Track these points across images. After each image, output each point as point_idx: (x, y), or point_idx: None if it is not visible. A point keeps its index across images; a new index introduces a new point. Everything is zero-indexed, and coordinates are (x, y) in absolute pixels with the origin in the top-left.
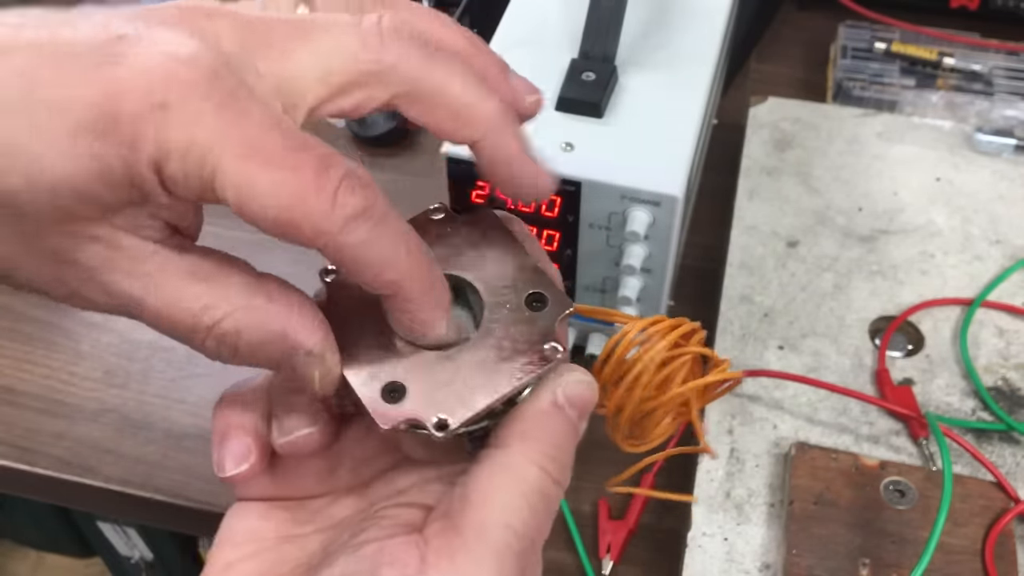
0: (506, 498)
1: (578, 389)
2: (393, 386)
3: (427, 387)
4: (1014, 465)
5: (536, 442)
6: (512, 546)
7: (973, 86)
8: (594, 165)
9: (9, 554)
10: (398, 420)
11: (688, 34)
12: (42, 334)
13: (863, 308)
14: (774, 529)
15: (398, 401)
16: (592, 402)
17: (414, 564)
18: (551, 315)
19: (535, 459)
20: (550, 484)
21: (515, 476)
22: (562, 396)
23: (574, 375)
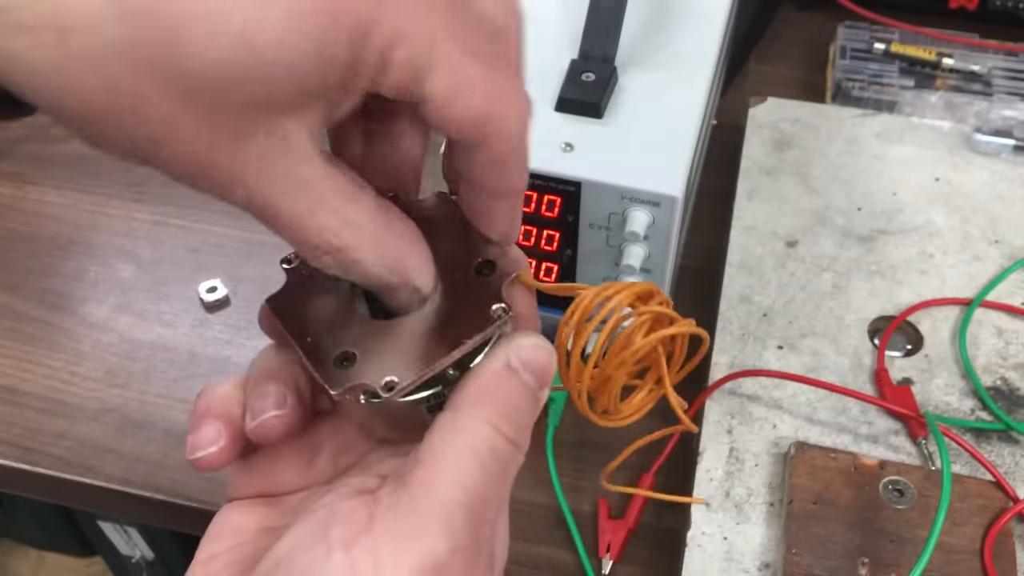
0: (455, 455)
1: (533, 353)
2: (344, 355)
3: (378, 354)
4: (1013, 465)
5: (488, 403)
6: (461, 502)
7: (972, 86)
8: (594, 165)
9: (10, 553)
10: (346, 384)
11: (688, 34)
12: (43, 334)
13: (862, 308)
14: (773, 528)
15: (348, 368)
16: (549, 368)
17: (362, 521)
18: (499, 279)
19: (487, 418)
20: (503, 443)
21: (466, 435)
22: (515, 359)
23: (529, 339)
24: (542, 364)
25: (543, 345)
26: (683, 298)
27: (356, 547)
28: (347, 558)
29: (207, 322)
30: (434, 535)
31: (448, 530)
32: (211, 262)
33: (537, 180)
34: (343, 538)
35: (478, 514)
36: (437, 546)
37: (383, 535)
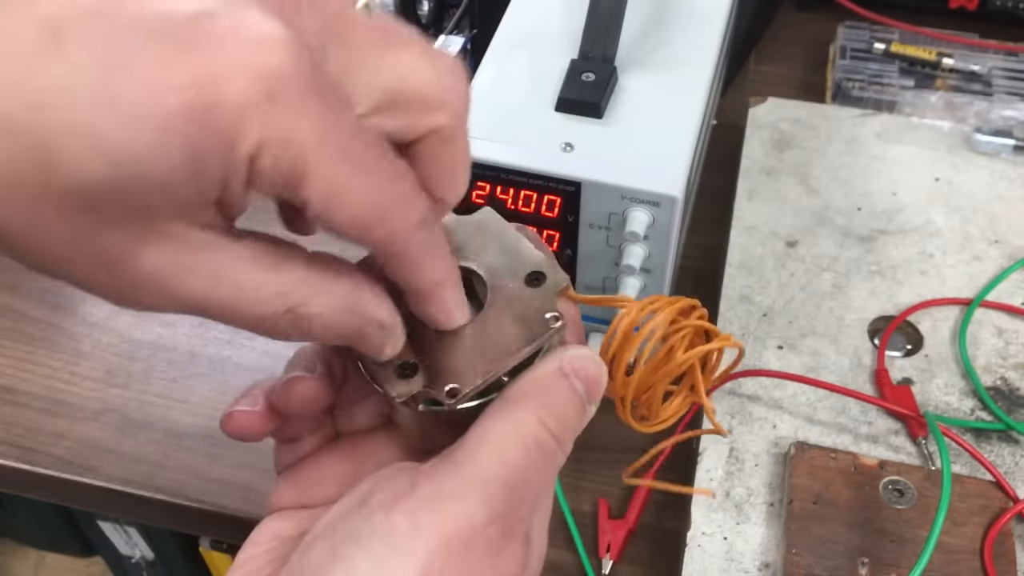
0: (501, 437)
1: (584, 363)
2: (405, 365)
3: (437, 363)
4: (1013, 464)
5: (538, 399)
6: (500, 476)
7: (972, 86)
8: (594, 165)
9: (10, 553)
10: (411, 392)
11: (688, 34)
12: (43, 334)
13: (862, 308)
14: (773, 528)
15: (410, 377)
16: (600, 380)
17: (403, 488)
18: (550, 289)
19: (534, 411)
20: (548, 437)
21: (513, 422)
22: (568, 366)
23: (581, 350)
24: (593, 375)
25: (595, 359)
26: None
27: (396, 510)
28: (387, 519)
29: (207, 322)
30: (472, 502)
31: (486, 499)
32: None
33: (537, 180)
34: (383, 502)
35: (517, 492)
36: (475, 513)
37: (423, 499)
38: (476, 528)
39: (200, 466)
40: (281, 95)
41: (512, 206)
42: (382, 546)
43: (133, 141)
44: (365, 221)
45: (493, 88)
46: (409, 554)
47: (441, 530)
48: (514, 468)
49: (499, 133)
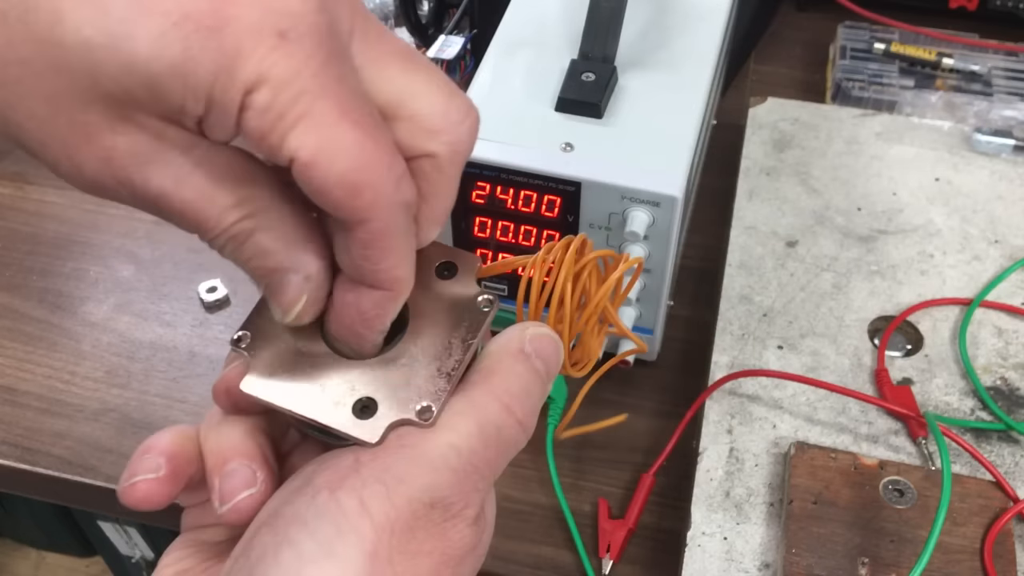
0: (458, 420)
1: (544, 342)
2: (362, 402)
3: (390, 387)
4: (1013, 464)
5: (501, 381)
6: (450, 462)
7: (972, 86)
8: (594, 165)
9: (10, 553)
10: (383, 429)
11: (688, 35)
12: (43, 334)
13: (862, 308)
14: (773, 528)
15: (373, 414)
16: (558, 356)
17: (348, 465)
18: (467, 273)
19: (498, 396)
20: (510, 421)
21: (473, 405)
22: (529, 346)
23: (539, 328)
24: (550, 353)
25: (553, 335)
26: (683, 298)
27: (341, 489)
28: (332, 499)
29: (207, 322)
30: (419, 484)
31: (431, 485)
32: (211, 262)
33: (537, 180)
34: (328, 481)
35: (467, 479)
36: (419, 495)
37: (369, 477)
38: (418, 510)
39: None
40: (292, 36)
41: (512, 206)
42: (329, 527)
43: (136, 23)
44: (353, 180)
45: (493, 88)
46: (356, 534)
47: (387, 510)
48: (466, 457)
49: (499, 133)
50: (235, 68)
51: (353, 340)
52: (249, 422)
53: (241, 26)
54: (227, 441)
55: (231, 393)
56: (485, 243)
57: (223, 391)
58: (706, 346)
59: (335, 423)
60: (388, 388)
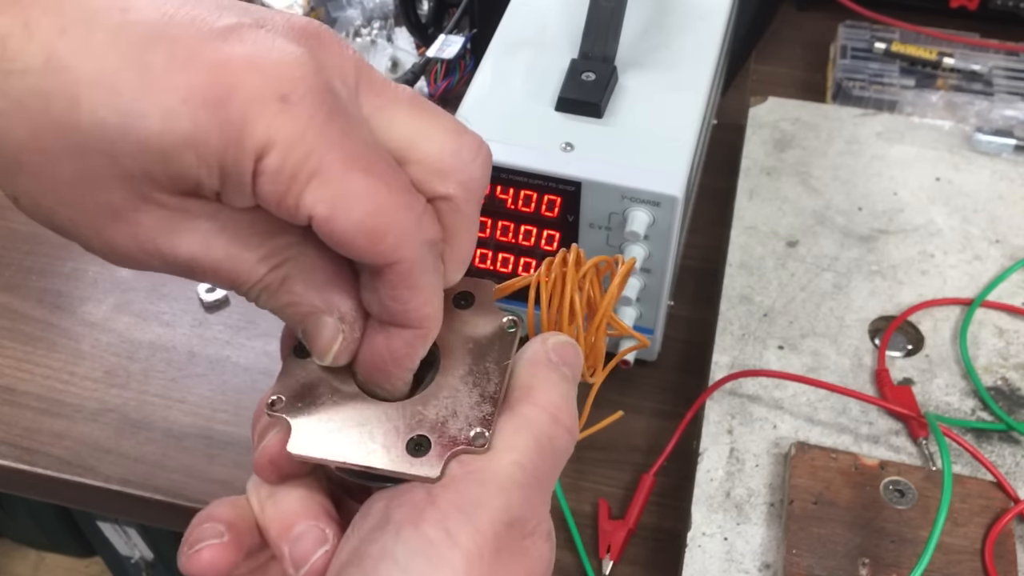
0: (515, 439)
1: (566, 350)
2: (415, 441)
3: (438, 421)
4: (1014, 465)
5: (543, 393)
6: (518, 480)
7: (973, 86)
8: (594, 165)
9: (10, 554)
10: (442, 464)
11: (688, 34)
12: (43, 334)
13: (863, 308)
14: (774, 529)
15: (427, 451)
16: (579, 362)
17: (422, 500)
18: (485, 299)
19: (544, 407)
20: (560, 430)
21: (524, 420)
22: (555, 355)
23: (558, 337)
24: (574, 357)
25: (572, 342)
26: (683, 298)
27: (424, 522)
28: (418, 534)
29: (206, 322)
30: (496, 508)
31: (507, 505)
32: None
33: (537, 180)
34: (408, 517)
35: (535, 492)
36: (499, 519)
37: (448, 508)
38: (500, 534)
39: (200, 466)
40: (293, 99)
41: (512, 206)
42: (421, 561)
43: (147, 102)
44: (372, 226)
45: (493, 88)
46: (449, 566)
47: (473, 536)
48: (531, 472)
49: (499, 133)
50: (243, 136)
51: (385, 381)
52: (302, 483)
53: (245, 95)
54: (287, 506)
55: (276, 462)
56: (485, 243)
57: (267, 463)
58: (706, 346)
59: (393, 467)
60: (435, 423)
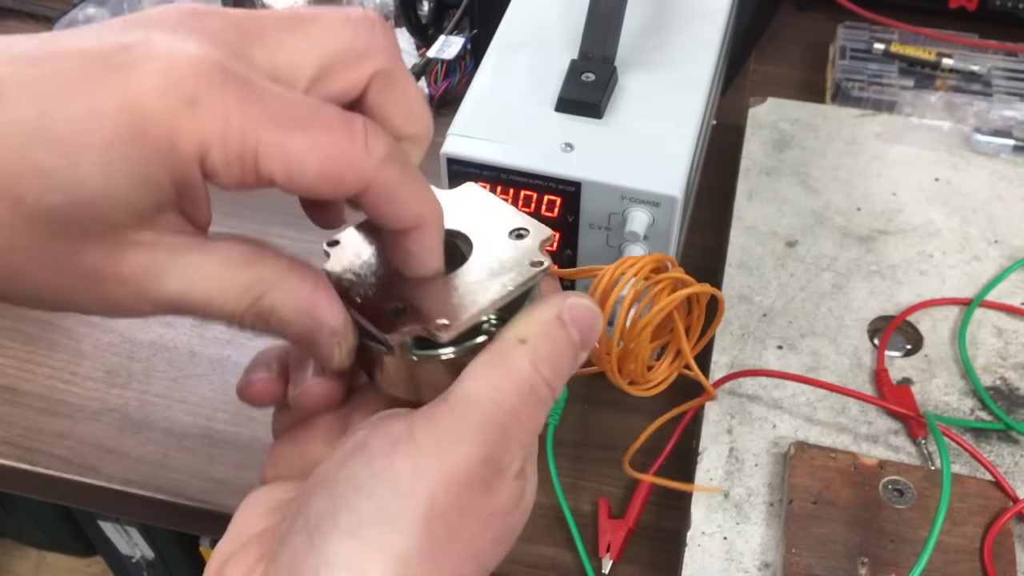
0: (496, 378)
1: (582, 312)
2: (396, 309)
3: (426, 304)
4: (1012, 464)
5: (535, 345)
6: (497, 418)
7: (972, 87)
8: (594, 165)
9: (11, 553)
10: (402, 331)
11: (688, 34)
12: (44, 334)
13: (862, 308)
14: (773, 528)
15: (399, 317)
16: (595, 328)
17: (400, 431)
18: (534, 240)
19: (532, 359)
20: (541, 383)
21: (508, 365)
22: (567, 314)
23: (581, 298)
24: (589, 324)
25: (593, 307)
26: None
27: (396, 454)
28: (388, 464)
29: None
30: (470, 443)
31: (483, 440)
32: None
33: (537, 180)
34: (382, 446)
35: (511, 433)
36: (472, 453)
37: (423, 441)
38: (472, 467)
39: (200, 466)
40: (201, 99)
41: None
42: (386, 491)
43: (79, 172)
44: (330, 172)
45: (493, 88)
46: (413, 497)
47: (442, 472)
48: (509, 410)
49: (499, 133)
50: (177, 151)
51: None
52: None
53: (157, 116)
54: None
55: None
56: None
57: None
58: (706, 346)
59: (368, 321)
60: (425, 302)
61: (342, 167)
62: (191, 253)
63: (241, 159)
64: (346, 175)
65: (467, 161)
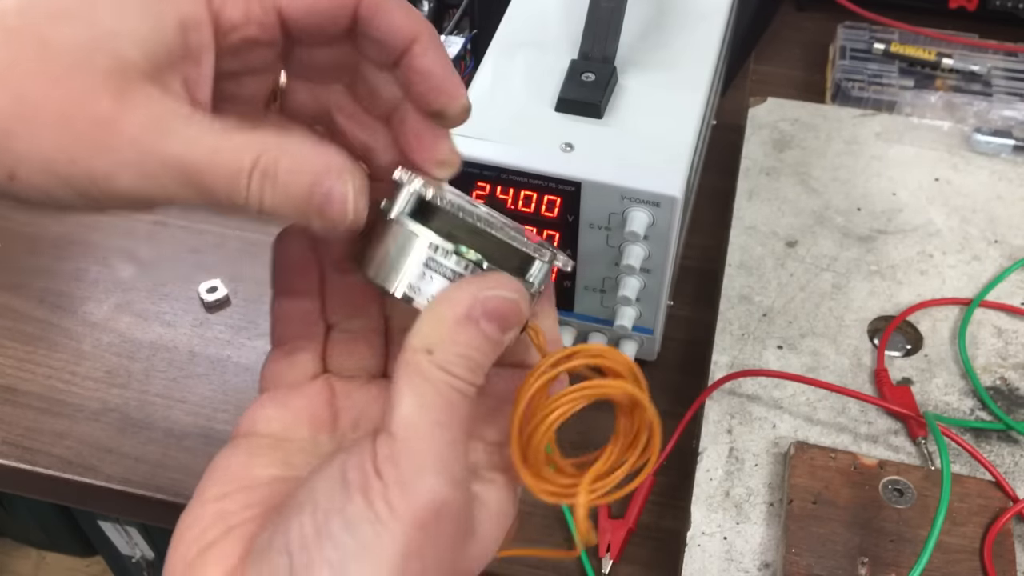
0: (423, 400)
1: (496, 303)
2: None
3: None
4: (1012, 464)
5: (443, 355)
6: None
7: (971, 87)
8: (594, 165)
9: (11, 553)
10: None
11: (688, 34)
12: (44, 334)
13: (862, 308)
14: (773, 528)
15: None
16: (515, 313)
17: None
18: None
19: (441, 365)
20: (463, 386)
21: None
22: (479, 309)
23: (496, 289)
24: (505, 312)
25: (511, 289)
26: (683, 298)
27: (371, 491)
28: (367, 505)
29: (207, 322)
30: (431, 475)
31: (443, 467)
32: (211, 262)
33: (537, 180)
34: (359, 484)
35: (461, 444)
36: (438, 484)
37: (391, 483)
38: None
39: (200, 466)
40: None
41: (512, 206)
42: (367, 529)
43: (97, 9)
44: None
45: (493, 88)
46: (391, 536)
47: (414, 509)
48: (449, 427)
49: (499, 133)
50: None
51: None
52: None
53: None
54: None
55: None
56: None
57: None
58: (706, 346)
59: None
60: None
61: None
62: (195, 116)
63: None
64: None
65: (467, 161)
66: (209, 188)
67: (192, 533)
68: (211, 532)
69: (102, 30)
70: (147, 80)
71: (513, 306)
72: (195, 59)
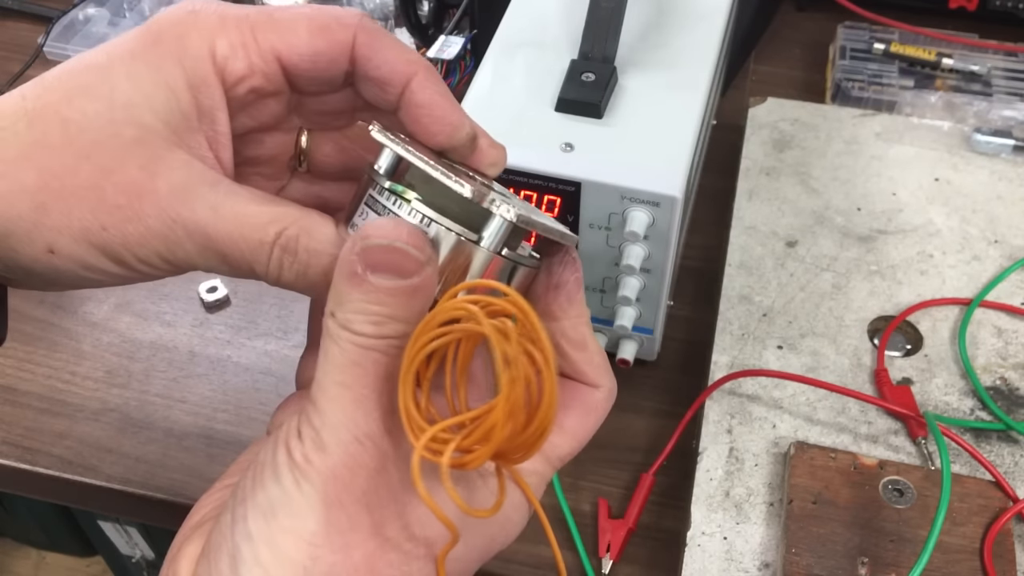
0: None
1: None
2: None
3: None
4: (1012, 464)
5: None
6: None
7: (971, 87)
8: (594, 165)
9: (11, 553)
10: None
11: (688, 34)
12: (44, 334)
13: (862, 308)
14: (773, 528)
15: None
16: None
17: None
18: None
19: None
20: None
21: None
22: (360, 264)
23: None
24: (390, 263)
25: (382, 242)
26: (683, 298)
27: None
28: (287, 456)
29: (207, 322)
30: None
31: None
32: None
33: (537, 180)
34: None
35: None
36: (344, 441)
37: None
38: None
39: (200, 466)
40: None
41: None
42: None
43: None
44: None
45: (493, 88)
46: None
47: (328, 465)
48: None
49: (499, 133)
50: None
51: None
52: None
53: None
54: None
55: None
56: None
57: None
58: (706, 346)
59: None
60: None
61: (329, 19)
62: (220, 184)
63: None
64: (333, 26)
65: None
66: (230, 258)
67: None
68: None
69: (120, 102)
70: (172, 145)
71: (395, 252)
72: (210, 118)
